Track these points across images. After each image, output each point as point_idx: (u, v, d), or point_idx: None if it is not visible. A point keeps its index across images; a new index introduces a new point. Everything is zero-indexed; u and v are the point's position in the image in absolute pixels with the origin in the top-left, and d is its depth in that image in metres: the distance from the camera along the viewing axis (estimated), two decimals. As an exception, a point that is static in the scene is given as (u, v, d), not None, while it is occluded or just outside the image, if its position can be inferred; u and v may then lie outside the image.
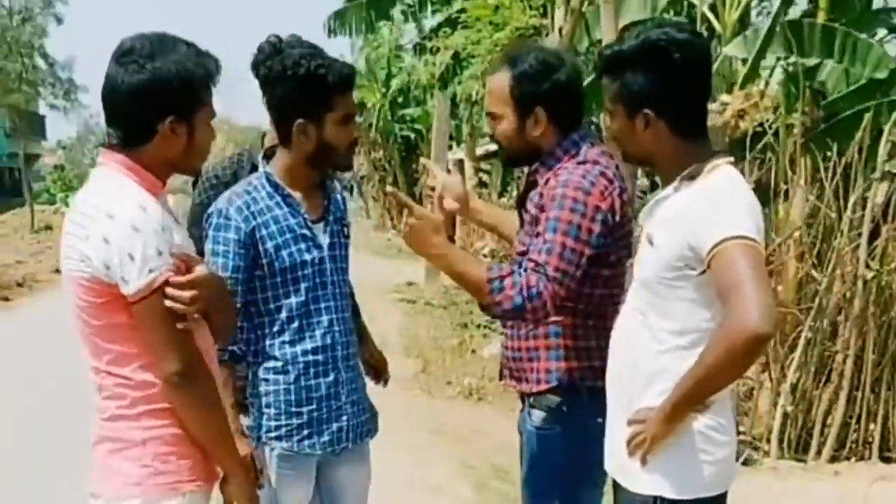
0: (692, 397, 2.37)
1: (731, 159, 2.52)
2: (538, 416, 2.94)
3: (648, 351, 2.48)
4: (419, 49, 14.50)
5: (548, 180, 2.85)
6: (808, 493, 5.49)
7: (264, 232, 2.81)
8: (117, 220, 2.21)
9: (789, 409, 6.13)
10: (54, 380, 7.12)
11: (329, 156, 2.87)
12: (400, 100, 28.40)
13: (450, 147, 20.53)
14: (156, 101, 2.30)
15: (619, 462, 2.57)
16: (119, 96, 2.31)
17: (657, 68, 2.43)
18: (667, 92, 2.44)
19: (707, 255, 2.28)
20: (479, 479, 5.59)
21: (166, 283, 2.24)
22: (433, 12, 14.12)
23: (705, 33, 9.19)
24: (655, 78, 2.44)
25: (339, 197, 3.08)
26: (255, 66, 2.82)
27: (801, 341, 6.12)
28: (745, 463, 6.00)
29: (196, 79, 2.35)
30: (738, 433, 6.15)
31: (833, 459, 6.02)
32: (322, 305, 2.89)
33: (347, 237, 3.06)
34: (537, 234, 2.75)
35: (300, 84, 2.75)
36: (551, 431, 2.92)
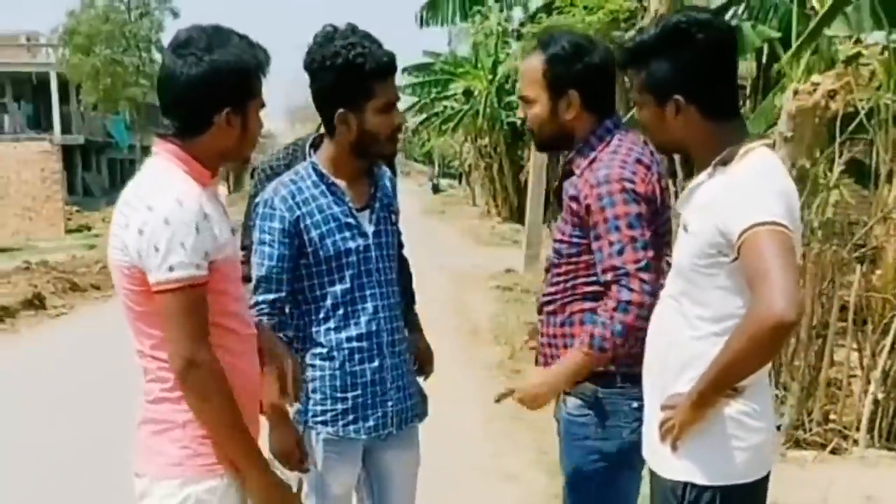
0: (719, 384, 2.36)
1: (769, 141, 2.50)
2: (573, 402, 2.94)
3: (683, 338, 2.47)
4: (518, 35, 14.54)
5: (583, 171, 2.87)
6: (897, 482, 5.34)
7: (308, 221, 2.87)
8: (154, 212, 2.28)
9: (880, 396, 5.95)
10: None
11: (371, 144, 2.90)
12: (507, 86, 28.32)
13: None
14: (214, 93, 2.36)
15: (653, 448, 2.58)
16: (178, 87, 2.37)
17: (682, 51, 2.41)
18: (694, 74, 2.41)
19: (737, 242, 2.26)
20: (554, 467, 5.58)
21: (192, 286, 2.29)
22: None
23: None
24: (681, 61, 2.41)
25: (387, 183, 3.12)
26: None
27: (894, 326, 5.93)
28: (833, 451, 5.87)
29: (251, 70, 2.41)
30: (828, 421, 6.04)
31: (927, 448, 5.83)
32: (367, 293, 2.93)
33: (395, 224, 3.10)
34: (597, 238, 2.77)
35: (339, 73, 2.79)
36: (586, 418, 2.92)
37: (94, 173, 47.87)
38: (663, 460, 2.51)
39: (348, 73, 2.79)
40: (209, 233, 2.33)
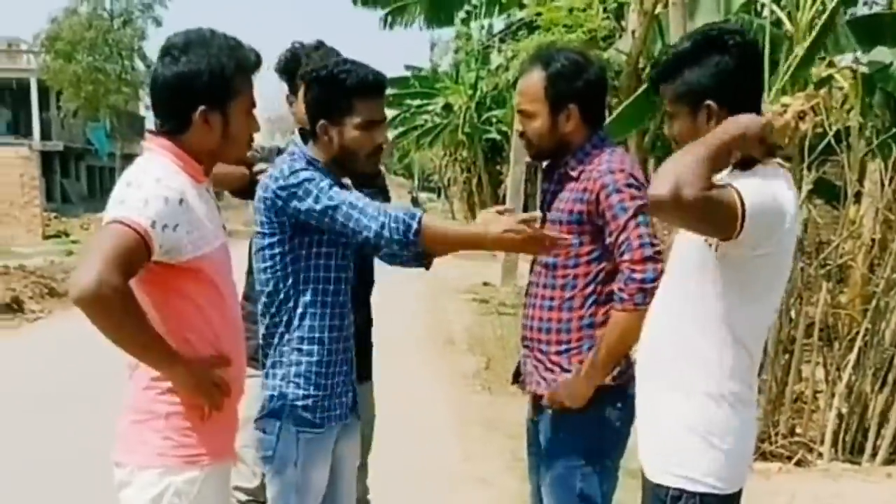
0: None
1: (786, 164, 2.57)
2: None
3: (670, 339, 2.55)
4: (498, 50, 14.74)
5: (581, 172, 3.02)
6: (859, 495, 5.45)
7: None
8: (131, 185, 2.40)
9: (844, 410, 6.09)
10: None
11: (349, 159, 2.98)
12: (487, 102, 28.49)
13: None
14: (186, 92, 2.47)
15: (646, 451, 2.65)
16: (156, 88, 2.51)
17: (715, 58, 2.48)
18: (727, 80, 2.47)
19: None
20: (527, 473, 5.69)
21: (136, 231, 2.30)
22: (500, 13, 14.35)
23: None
24: (714, 68, 2.48)
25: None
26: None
27: (858, 342, 6.08)
28: (798, 464, 6.00)
29: (228, 70, 2.49)
30: (794, 434, 6.18)
31: (888, 462, 5.95)
32: (346, 284, 3.01)
33: None
34: (608, 222, 2.93)
35: (322, 87, 2.92)
36: (574, 417, 3.02)
37: (73, 180, 47.58)
38: (656, 465, 2.59)
39: (330, 87, 2.90)
40: (182, 215, 2.39)
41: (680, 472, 2.52)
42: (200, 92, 2.47)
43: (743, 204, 2.28)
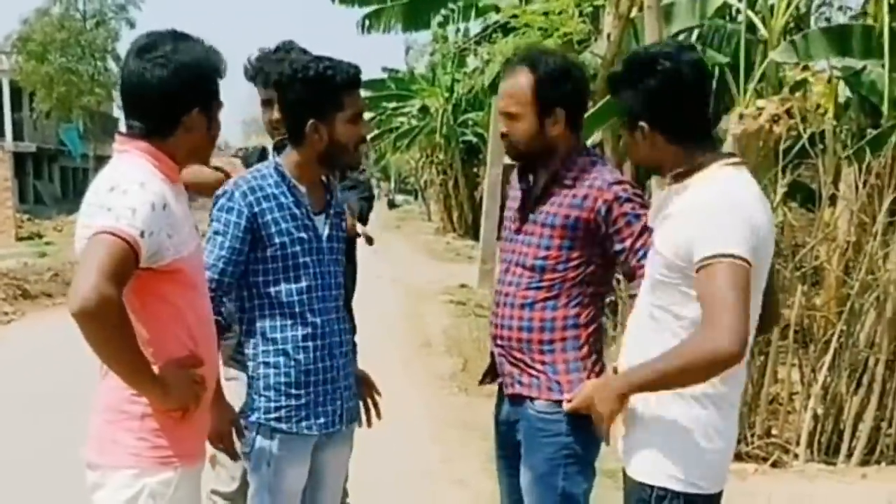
0: (648, 385, 2.53)
1: (737, 160, 2.63)
2: (543, 403, 3.06)
3: (657, 344, 2.56)
4: (474, 52, 14.76)
5: (575, 179, 3.03)
6: (833, 495, 5.49)
7: (268, 217, 2.95)
8: (114, 191, 2.35)
9: (820, 412, 6.13)
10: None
11: (339, 154, 3.02)
12: (463, 105, 28.52)
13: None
14: (184, 94, 2.45)
15: (629, 451, 2.68)
16: (146, 90, 2.44)
17: (642, 82, 2.58)
18: (654, 102, 2.58)
19: (696, 265, 2.39)
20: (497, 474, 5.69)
21: (126, 241, 2.26)
22: (477, 17, 14.38)
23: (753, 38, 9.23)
24: (642, 91, 2.59)
25: (338, 193, 3.24)
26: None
27: (833, 344, 6.12)
28: (773, 465, 6.03)
29: (217, 71, 2.51)
30: (769, 435, 6.21)
31: (863, 463, 6.00)
32: (321, 293, 3.02)
33: (344, 231, 3.22)
34: (620, 230, 2.96)
35: (310, 86, 2.92)
36: (557, 415, 3.02)
37: (46, 181, 47.27)
38: (641, 465, 2.61)
39: (319, 86, 2.91)
40: (165, 220, 2.37)
41: (665, 472, 2.54)
42: (195, 93, 2.47)
43: (728, 255, 2.34)
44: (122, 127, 2.55)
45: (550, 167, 3.08)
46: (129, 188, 2.35)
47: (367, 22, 14.67)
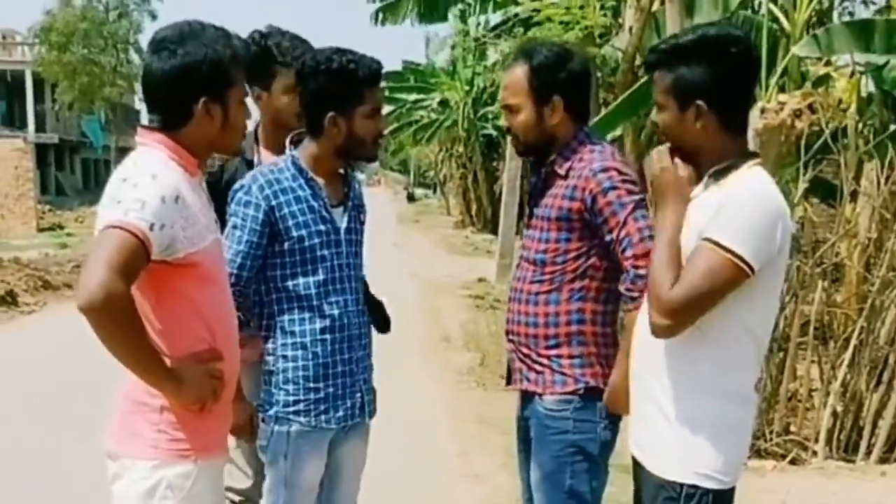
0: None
1: (758, 160, 2.59)
2: (551, 399, 3.06)
3: (667, 342, 2.53)
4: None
5: (569, 169, 3.01)
6: (852, 492, 5.46)
7: (285, 210, 2.96)
8: (127, 181, 2.36)
9: (839, 409, 6.10)
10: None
11: (357, 147, 3.03)
12: (483, 98, 28.45)
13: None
14: (188, 84, 2.45)
15: (645, 446, 2.66)
16: (155, 82, 2.47)
17: (714, 61, 2.49)
18: (721, 85, 2.50)
19: (702, 238, 2.39)
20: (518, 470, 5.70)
21: (136, 236, 2.26)
22: (495, 9, 14.33)
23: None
24: (712, 70, 2.49)
25: (357, 185, 3.23)
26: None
27: (853, 341, 6.09)
28: (792, 462, 6.00)
29: (225, 60, 2.48)
30: (788, 432, 6.18)
31: (883, 461, 5.96)
32: (339, 286, 3.03)
33: (363, 223, 3.21)
34: (606, 220, 2.92)
35: (333, 78, 2.92)
36: (565, 412, 3.03)
37: (68, 173, 47.58)
38: (666, 462, 2.58)
39: (341, 79, 2.92)
40: (178, 212, 2.37)
41: (694, 470, 2.51)
42: (201, 83, 2.46)
43: (728, 250, 2.34)
44: (145, 120, 2.56)
45: (551, 158, 3.09)
46: (139, 180, 2.35)
47: (380, 14, 14.63)
